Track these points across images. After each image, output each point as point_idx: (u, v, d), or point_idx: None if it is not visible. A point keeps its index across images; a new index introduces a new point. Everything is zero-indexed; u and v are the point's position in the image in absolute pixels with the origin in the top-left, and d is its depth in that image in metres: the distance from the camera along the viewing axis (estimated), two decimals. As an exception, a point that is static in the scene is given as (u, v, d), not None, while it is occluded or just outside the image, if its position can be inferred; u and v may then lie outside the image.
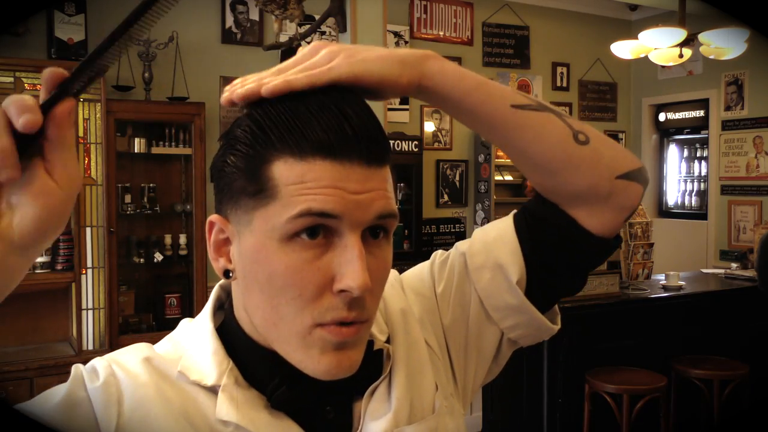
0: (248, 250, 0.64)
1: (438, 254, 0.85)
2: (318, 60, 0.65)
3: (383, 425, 0.70)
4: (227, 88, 0.66)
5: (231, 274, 0.68)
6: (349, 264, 0.61)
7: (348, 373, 0.65)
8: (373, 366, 0.72)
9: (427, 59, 0.69)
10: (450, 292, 0.81)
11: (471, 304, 0.80)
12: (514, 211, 0.81)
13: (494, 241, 0.79)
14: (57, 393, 0.64)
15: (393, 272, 0.84)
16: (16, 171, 0.50)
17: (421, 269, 0.85)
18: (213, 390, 0.67)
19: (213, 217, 0.67)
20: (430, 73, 0.69)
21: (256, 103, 0.64)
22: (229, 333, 0.72)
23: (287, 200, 0.60)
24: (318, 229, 0.61)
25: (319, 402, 0.69)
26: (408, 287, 0.82)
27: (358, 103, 0.63)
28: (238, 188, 0.64)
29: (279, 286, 0.62)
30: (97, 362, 0.68)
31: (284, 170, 0.61)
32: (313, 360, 0.64)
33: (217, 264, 0.68)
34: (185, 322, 0.76)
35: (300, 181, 0.60)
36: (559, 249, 0.77)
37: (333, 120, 0.61)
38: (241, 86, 0.65)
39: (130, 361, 0.68)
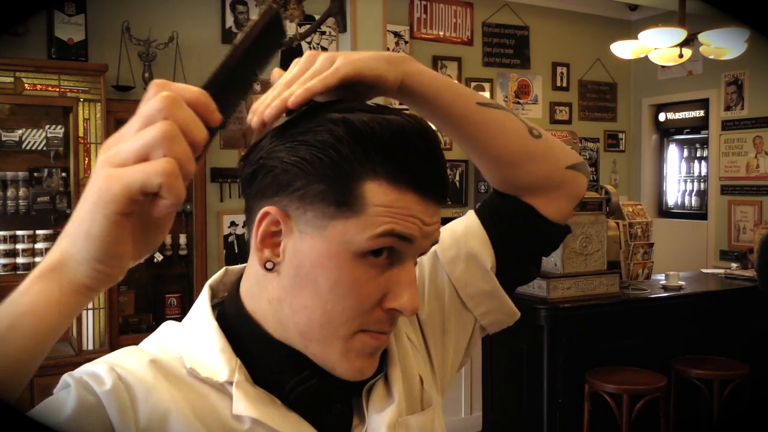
0: (314, 254, 0.65)
1: None
2: (321, 65, 0.70)
3: (388, 416, 0.73)
4: (249, 116, 0.68)
5: (273, 267, 0.67)
6: (405, 287, 0.67)
7: (371, 374, 0.71)
8: (381, 362, 0.76)
9: (406, 60, 0.75)
10: (423, 289, 0.86)
11: (446, 295, 0.86)
12: (471, 210, 0.90)
13: (463, 235, 0.86)
14: (64, 404, 0.60)
15: None
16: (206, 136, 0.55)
17: None
18: (223, 387, 0.67)
19: (271, 209, 0.66)
20: (411, 72, 0.74)
21: (334, 109, 0.67)
22: (234, 330, 0.71)
23: (372, 219, 0.64)
24: (383, 250, 0.66)
25: (327, 399, 0.71)
26: None
27: (439, 141, 0.70)
28: (315, 192, 0.64)
29: (340, 295, 0.66)
30: (96, 367, 0.65)
31: (377, 192, 0.65)
32: (349, 361, 0.68)
33: (261, 254, 0.67)
34: (170, 325, 0.74)
35: (389, 206, 0.65)
36: (521, 236, 0.86)
37: (430, 162, 0.67)
38: (266, 106, 0.67)
39: (134, 365, 0.66)
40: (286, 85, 0.68)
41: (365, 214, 0.64)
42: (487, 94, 5.72)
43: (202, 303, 0.74)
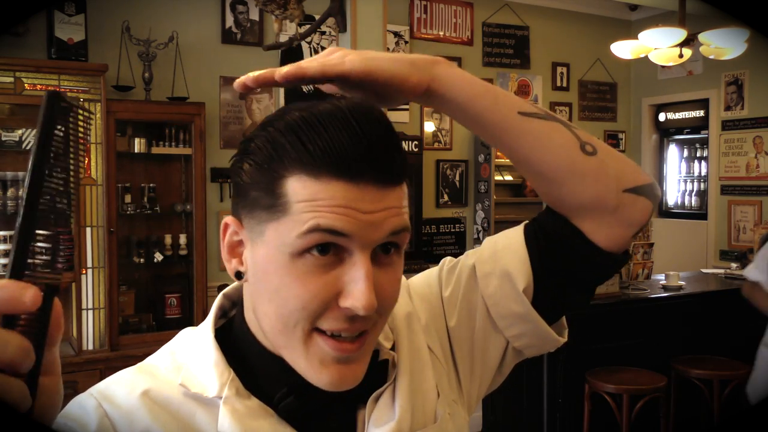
0: (260, 260, 0.65)
1: (447, 260, 0.85)
2: (331, 57, 0.68)
3: None
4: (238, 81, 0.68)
5: (243, 276, 0.68)
6: (356, 283, 0.61)
7: (352, 385, 0.66)
8: (378, 375, 0.72)
9: (437, 63, 0.71)
10: (457, 297, 0.81)
11: (477, 312, 0.80)
12: (526, 221, 0.81)
13: (503, 250, 0.79)
14: None
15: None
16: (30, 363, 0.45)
17: (428, 275, 0.85)
18: (214, 402, 0.67)
19: (228, 219, 0.68)
20: (440, 77, 0.70)
21: (274, 116, 0.65)
22: (237, 339, 0.71)
23: (298, 216, 0.61)
24: (329, 247, 0.62)
25: (323, 411, 0.69)
26: (415, 293, 0.82)
27: (377, 119, 0.62)
28: (252, 198, 0.65)
29: (285, 297, 0.63)
30: (86, 400, 0.66)
31: (298, 187, 0.61)
32: (315, 370, 0.65)
33: (230, 265, 0.69)
34: (186, 332, 0.75)
35: (312, 199, 0.61)
36: (565, 261, 0.77)
37: (349, 138, 0.60)
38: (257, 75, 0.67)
39: (124, 397, 0.66)
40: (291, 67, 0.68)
41: (291, 213, 0.61)
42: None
43: (210, 313, 0.75)
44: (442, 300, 0.81)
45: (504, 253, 0.78)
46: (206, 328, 0.73)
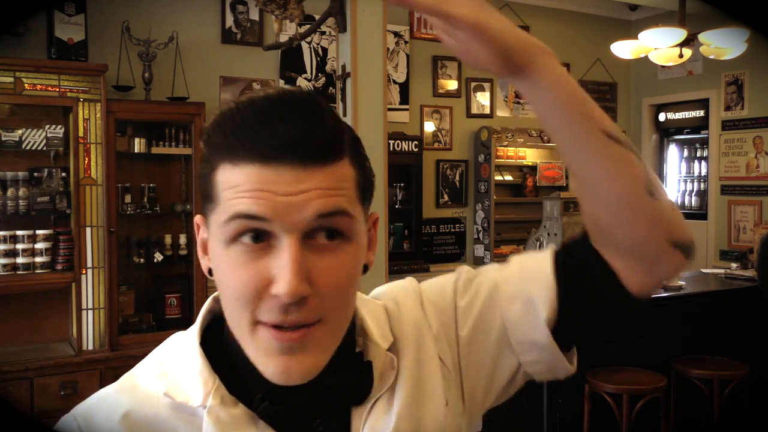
0: (212, 253, 0.67)
1: (465, 270, 0.83)
2: None
3: None
4: None
5: (212, 273, 0.69)
6: (280, 269, 0.60)
7: (300, 378, 0.63)
8: (363, 376, 0.71)
9: (545, 53, 0.66)
10: (472, 309, 0.79)
11: (493, 330, 0.78)
12: (554, 246, 0.79)
13: (530, 274, 0.77)
14: None
15: (412, 282, 0.83)
16: None
17: (443, 282, 0.83)
18: (198, 412, 0.66)
19: (197, 218, 0.71)
20: (543, 67, 0.66)
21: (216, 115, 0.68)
22: (224, 344, 0.71)
23: (224, 204, 0.63)
24: (261, 234, 0.62)
25: (307, 414, 0.68)
26: (427, 300, 0.80)
27: (302, 102, 0.63)
28: (203, 194, 0.67)
29: (225, 287, 0.64)
30: (69, 423, 0.67)
31: (224, 176, 0.63)
32: (262, 362, 0.64)
33: (203, 262, 0.70)
34: (175, 337, 0.74)
35: (233, 186, 0.62)
36: (592, 299, 0.76)
37: (263, 123, 0.61)
38: None
39: (104, 421, 0.66)
40: None
41: (220, 202, 0.63)
42: (487, 96, 5.71)
43: (198, 317, 0.74)
44: (456, 309, 0.79)
45: (531, 278, 0.76)
46: (192, 333, 0.72)
